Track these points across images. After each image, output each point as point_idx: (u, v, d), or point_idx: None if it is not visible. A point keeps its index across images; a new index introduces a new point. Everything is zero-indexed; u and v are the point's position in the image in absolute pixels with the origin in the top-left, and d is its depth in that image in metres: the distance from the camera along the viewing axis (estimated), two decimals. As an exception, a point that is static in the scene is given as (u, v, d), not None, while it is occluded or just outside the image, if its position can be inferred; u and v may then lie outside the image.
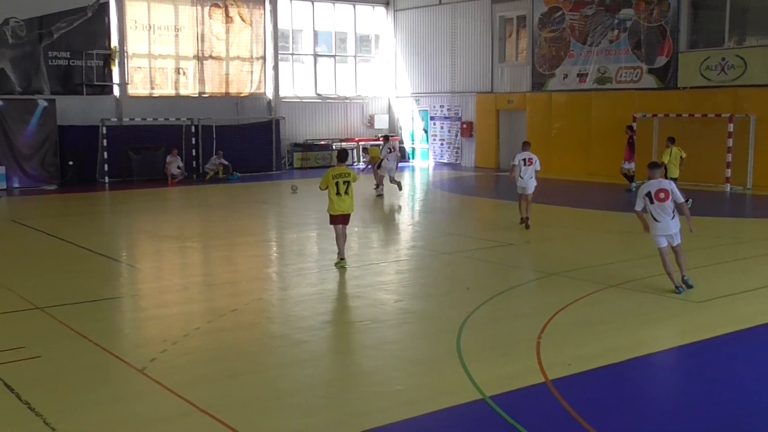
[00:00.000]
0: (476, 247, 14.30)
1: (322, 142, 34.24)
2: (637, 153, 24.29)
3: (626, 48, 27.54)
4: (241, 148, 30.79)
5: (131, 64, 30.06)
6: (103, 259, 14.26)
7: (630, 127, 25.13)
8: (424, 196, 25.13)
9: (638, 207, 11.09)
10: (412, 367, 8.25)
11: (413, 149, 36.42)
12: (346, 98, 35.76)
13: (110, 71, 29.57)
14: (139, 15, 30.07)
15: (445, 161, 34.43)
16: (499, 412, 6.84)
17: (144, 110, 29.77)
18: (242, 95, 32.64)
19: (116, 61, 29.59)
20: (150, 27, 30.39)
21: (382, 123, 36.44)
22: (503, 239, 15.73)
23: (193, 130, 30.18)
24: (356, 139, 35.36)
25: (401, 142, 36.31)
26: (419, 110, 35.84)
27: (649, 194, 10.86)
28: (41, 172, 26.94)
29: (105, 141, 28.23)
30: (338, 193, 12.68)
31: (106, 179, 27.97)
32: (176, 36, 30.95)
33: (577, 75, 29.01)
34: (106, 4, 29.16)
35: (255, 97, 32.96)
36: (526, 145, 17.23)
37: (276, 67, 33.37)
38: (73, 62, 28.72)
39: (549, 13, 29.96)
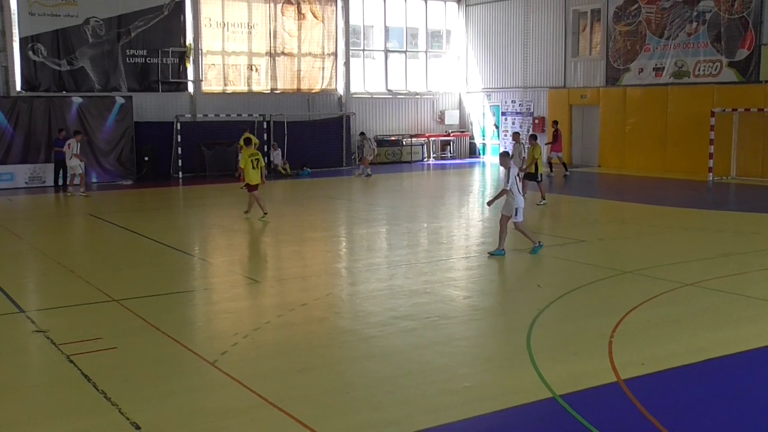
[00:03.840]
0: (547, 244, 14.08)
1: (393, 138, 34.28)
2: (717, 148, 23.76)
3: (705, 41, 26.78)
4: (312, 144, 31.06)
5: (205, 61, 30.60)
6: (177, 253, 14.53)
7: (555, 122, 27.60)
8: (494, 193, 24.85)
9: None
10: (482, 365, 8.17)
11: (483, 145, 36.16)
12: (417, 94, 35.70)
13: (185, 68, 30.14)
14: (214, 13, 30.58)
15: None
16: (570, 411, 6.71)
17: (217, 106, 30.27)
18: (313, 91, 32.89)
19: (191, 59, 30.15)
20: (224, 24, 30.88)
21: (452, 119, 36.28)
22: (575, 236, 15.47)
23: (265, 126, 30.55)
24: (426, 134, 35.31)
25: (471, 138, 36.12)
26: (490, 106, 35.54)
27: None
28: (118, 168, 27.65)
29: (179, 137, 28.80)
30: (253, 168, 17.76)
31: (180, 175, 28.55)
32: (249, 33, 31.37)
33: (653, 69, 28.36)
34: (182, 3, 29.74)
35: (326, 93, 33.18)
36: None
37: (347, 63, 33.52)
38: (149, 60, 29.38)
39: (624, 7, 29.35)
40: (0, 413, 6.82)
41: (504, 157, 13.59)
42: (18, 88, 27.45)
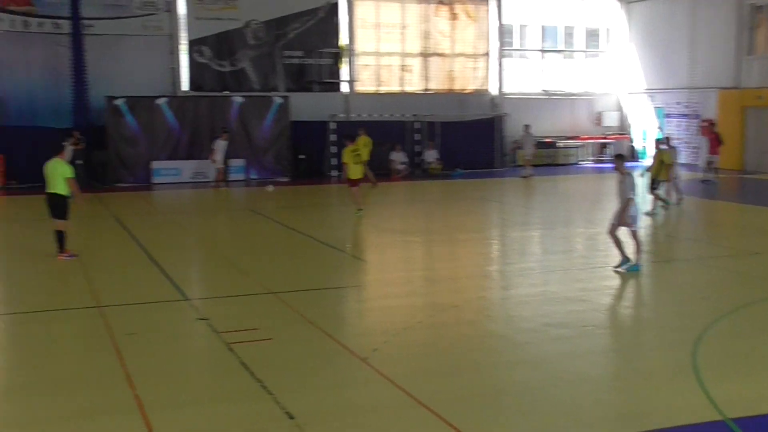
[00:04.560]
0: (716, 255, 13.30)
1: (547, 140, 33.46)
2: None
3: None
4: (464, 145, 30.90)
5: (359, 61, 31.11)
6: (331, 250, 14.80)
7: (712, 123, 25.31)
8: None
9: None
10: (641, 379, 7.79)
11: (645, 148, 34.75)
12: (573, 95, 34.80)
13: (339, 69, 30.75)
14: (368, 14, 31.06)
15: (682, 161, 32.45)
16: (743, 437, 6.27)
17: (370, 106, 30.68)
18: (466, 92, 32.75)
19: (345, 59, 30.74)
20: (377, 25, 31.29)
21: (611, 121, 35.06)
22: (749, 247, 14.51)
23: (416, 126, 30.70)
24: (582, 137, 34.36)
25: (631, 141, 34.85)
26: (654, 107, 34.06)
27: None
28: (275, 165, 28.55)
29: (333, 136, 29.41)
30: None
31: (334, 173, 29.13)
32: (402, 33, 31.63)
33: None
34: (337, 5, 30.36)
35: (478, 94, 32.96)
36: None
37: (500, 63, 33.16)
38: (305, 61, 30.18)
39: (807, 0, 27.36)
40: (165, 394, 7.15)
41: (619, 160, 12.48)
42: (185, 88, 28.91)
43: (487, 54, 32.98)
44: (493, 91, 33.22)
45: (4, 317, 10.17)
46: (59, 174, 13.28)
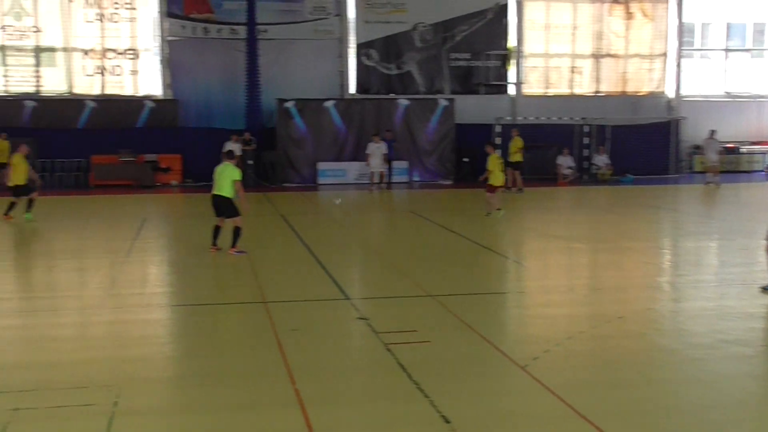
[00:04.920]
0: None
1: (730, 145, 31.46)
2: None
3: None
4: (636, 149, 29.71)
5: (527, 63, 30.65)
6: (492, 254, 14.62)
7: None
8: None
9: None
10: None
11: None
12: (761, 97, 32.56)
13: (506, 71, 30.43)
14: (537, 15, 30.58)
15: None
16: None
17: (537, 109, 30.16)
18: (639, 94, 31.56)
19: (513, 61, 30.37)
20: (547, 26, 30.71)
21: (804, 124, 32.62)
22: None
23: (585, 129, 29.86)
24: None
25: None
26: None
27: None
28: (439, 168, 28.63)
29: (499, 139, 29.10)
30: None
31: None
32: (573, 34, 30.89)
33: None
34: (506, 6, 30.05)
35: (653, 96, 31.66)
36: None
37: (678, 64, 31.64)
38: (472, 63, 30.07)
39: None
40: (324, 391, 7.24)
41: None
42: (352, 91, 29.55)
43: (664, 54, 31.63)
44: (670, 93, 31.79)
45: (176, 308, 10.73)
46: (228, 177, 13.73)
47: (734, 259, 14.49)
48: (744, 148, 31.66)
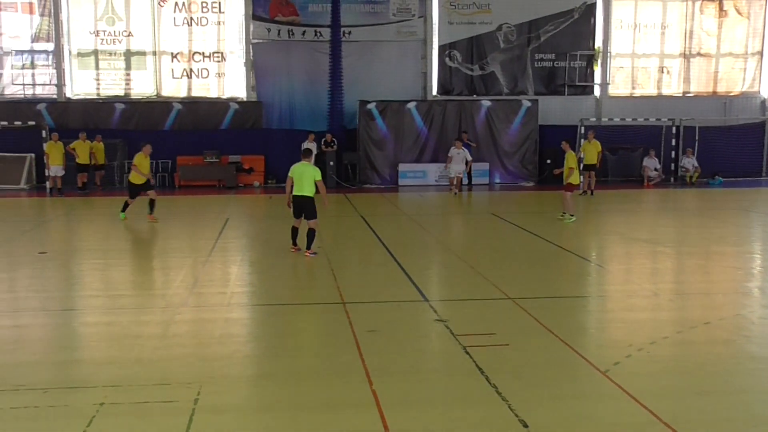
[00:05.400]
0: None
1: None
2: None
3: None
4: (726, 151, 28.81)
5: (613, 63, 30.08)
6: (573, 257, 14.38)
7: None
8: None
9: None
10: None
11: None
12: None
13: (592, 71, 29.94)
14: (625, 14, 30.01)
15: None
16: None
17: (623, 110, 29.57)
18: (732, 94, 30.58)
19: (599, 62, 29.84)
20: (635, 26, 30.08)
21: None
22: None
23: (673, 131, 29.10)
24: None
25: None
26: None
27: None
28: (520, 170, 28.35)
29: (583, 141, 28.60)
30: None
31: (582, 178, 28.29)
32: (662, 33, 30.17)
33: None
34: (593, 5, 29.54)
35: (746, 96, 30.63)
36: None
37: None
38: (557, 63, 29.68)
39: None
40: (402, 393, 7.25)
41: None
42: (434, 92, 29.53)
43: (759, 53, 30.54)
44: (765, 93, 30.68)
45: (256, 307, 10.89)
46: (309, 176, 13.85)
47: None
48: None
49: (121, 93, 28.99)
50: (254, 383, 7.80)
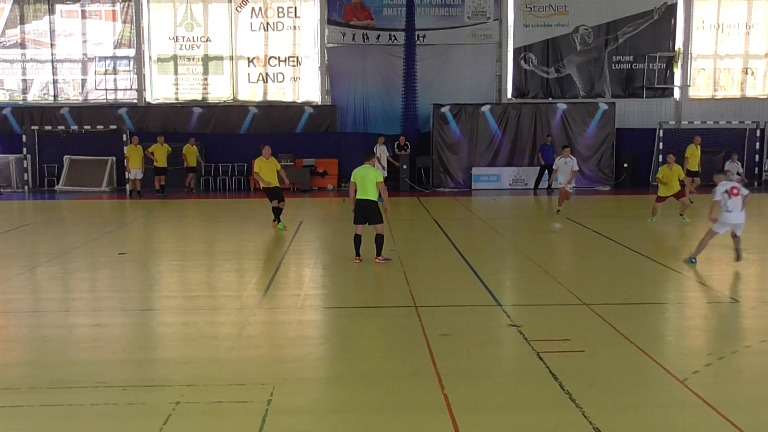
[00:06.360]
0: None
1: None
2: None
3: None
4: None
5: (694, 65, 29.35)
6: (651, 263, 14.07)
7: None
8: None
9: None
10: None
11: None
12: None
13: (672, 73, 29.28)
14: (708, 14, 29.28)
15: None
16: None
17: (704, 113, 28.84)
18: (817, 96, 29.51)
19: (679, 63, 29.16)
20: (718, 26, 29.30)
21: None
22: None
23: (758, 134, 28.21)
24: None
25: None
26: None
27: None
28: (597, 173, 27.91)
29: (661, 144, 28.00)
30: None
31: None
32: (747, 34, 29.31)
33: None
34: (674, 6, 28.89)
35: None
36: None
37: None
38: (635, 65, 29.14)
39: None
40: (473, 397, 7.21)
41: None
42: (509, 95, 29.31)
43: None
44: None
45: (329, 310, 10.98)
46: (372, 180, 13.57)
47: None
48: None
49: (199, 97, 29.66)
50: (326, 385, 7.83)
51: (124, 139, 27.39)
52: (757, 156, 28.31)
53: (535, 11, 29.02)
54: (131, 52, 29.55)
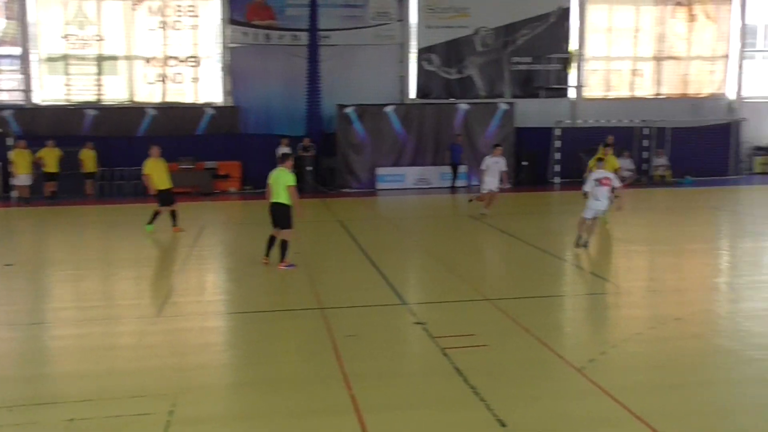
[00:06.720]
0: None
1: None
2: None
3: None
4: (695, 151, 29.24)
5: (588, 66, 30.39)
6: (551, 258, 14.54)
7: None
8: None
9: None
10: None
11: None
12: (823, 97, 31.86)
13: (567, 74, 30.20)
14: (600, 18, 30.36)
15: None
16: None
17: (598, 112, 29.87)
18: (700, 96, 31.00)
19: (574, 65, 30.13)
20: (609, 29, 30.47)
21: None
22: None
23: (645, 132, 29.45)
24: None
25: None
26: None
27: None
28: (500, 172, 28.46)
29: (558, 142, 28.88)
30: None
31: (557, 180, 28.62)
32: (635, 37, 30.58)
33: None
34: (568, 10, 29.86)
35: (714, 98, 31.10)
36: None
37: (740, 66, 31.05)
38: (533, 67, 29.93)
39: None
40: (380, 397, 7.35)
41: None
42: (412, 96, 29.66)
43: (726, 56, 31.07)
44: (731, 95, 31.18)
45: (233, 316, 10.87)
46: (282, 183, 13.25)
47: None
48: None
49: (93, 99, 28.67)
50: (231, 392, 7.77)
51: (10, 142, 25.98)
52: (645, 153, 29.52)
53: (437, 12, 29.43)
54: (17, 51, 28.26)
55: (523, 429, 6.53)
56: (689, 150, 29.17)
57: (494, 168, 19.86)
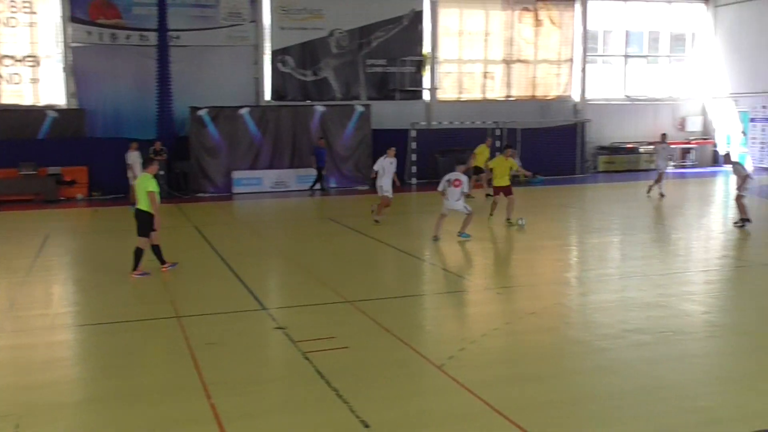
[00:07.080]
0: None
1: (629, 145, 32.96)
2: None
3: None
4: (545, 152, 30.52)
5: (441, 69, 31.08)
6: (409, 258, 14.74)
7: None
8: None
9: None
10: (720, 384, 7.61)
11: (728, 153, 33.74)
12: (657, 100, 34.04)
13: (421, 77, 30.78)
14: (452, 22, 31.07)
15: (766, 166, 31.53)
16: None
17: (452, 114, 30.61)
18: (548, 98, 32.39)
19: (427, 67, 30.74)
20: (461, 33, 31.27)
21: (694, 125, 34.32)
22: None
23: (498, 132, 30.43)
24: (668, 142, 33.47)
25: (715, 145, 33.70)
26: (738, 111, 33.07)
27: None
28: (355, 174, 28.68)
29: (414, 144, 29.37)
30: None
31: (414, 181, 29.11)
32: (485, 41, 31.53)
33: None
34: (421, 13, 30.42)
35: (561, 100, 32.56)
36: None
37: (583, 69, 32.67)
38: (388, 69, 30.31)
39: None
40: (241, 404, 7.18)
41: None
42: (267, 98, 29.36)
43: (570, 60, 32.59)
44: (576, 97, 32.76)
45: (83, 328, 10.37)
46: (142, 189, 12.86)
47: (634, 252, 15.25)
48: (642, 149, 32.93)
49: None
50: (82, 408, 7.41)
51: None
52: (497, 153, 30.44)
53: (291, 14, 29.27)
54: None
55: (386, 429, 6.55)
56: (539, 150, 30.38)
57: (390, 170, 19.27)
